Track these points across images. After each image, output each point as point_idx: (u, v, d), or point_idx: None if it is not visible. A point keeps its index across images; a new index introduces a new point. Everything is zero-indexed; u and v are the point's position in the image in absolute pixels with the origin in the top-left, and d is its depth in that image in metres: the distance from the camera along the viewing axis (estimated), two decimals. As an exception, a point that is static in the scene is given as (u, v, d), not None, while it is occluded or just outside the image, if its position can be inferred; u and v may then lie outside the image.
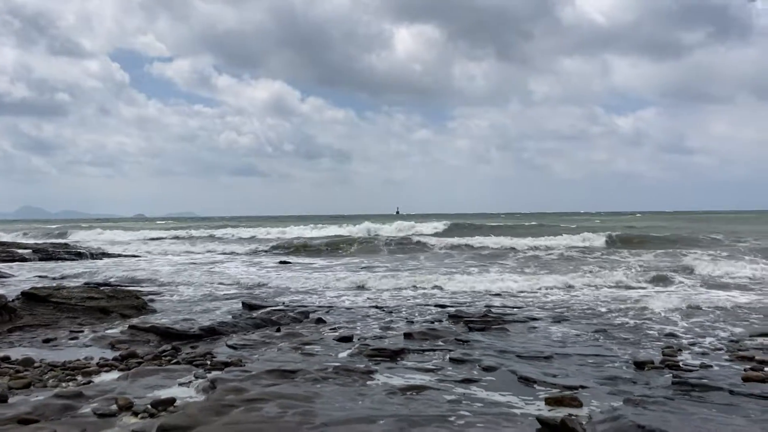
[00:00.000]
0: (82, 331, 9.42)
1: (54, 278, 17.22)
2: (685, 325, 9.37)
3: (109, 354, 7.81)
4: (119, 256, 26.05)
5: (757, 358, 7.08)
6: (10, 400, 5.53)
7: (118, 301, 11.16)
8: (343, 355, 7.61)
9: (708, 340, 8.32)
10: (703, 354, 7.50)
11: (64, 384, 6.16)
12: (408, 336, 8.65)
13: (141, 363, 7.07)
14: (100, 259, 24.47)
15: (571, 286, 14.27)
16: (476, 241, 27.66)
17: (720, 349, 7.77)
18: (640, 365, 6.85)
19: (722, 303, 11.28)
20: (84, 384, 6.19)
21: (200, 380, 6.28)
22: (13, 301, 10.46)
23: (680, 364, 6.90)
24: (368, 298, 12.78)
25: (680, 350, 7.69)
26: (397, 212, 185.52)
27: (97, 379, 6.44)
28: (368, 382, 6.09)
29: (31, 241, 35.12)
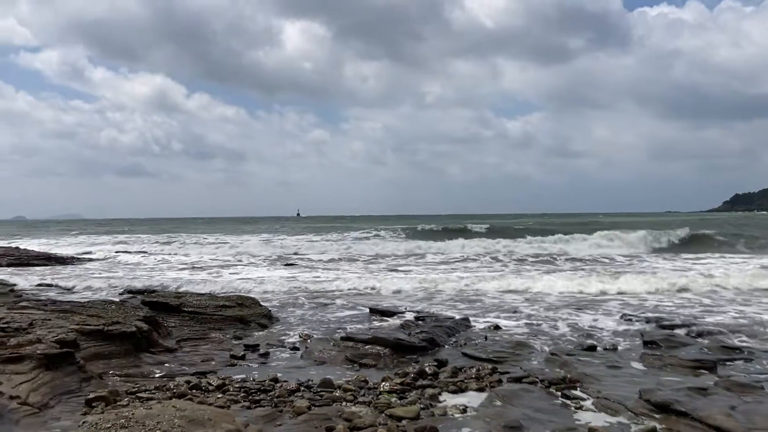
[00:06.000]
0: (257, 346, 7.97)
1: (66, 288, 14.34)
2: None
3: (353, 371, 6.68)
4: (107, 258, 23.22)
5: None
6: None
7: (249, 310, 9.66)
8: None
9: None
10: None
11: (438, 415, 4.96)
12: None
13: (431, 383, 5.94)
14: (82, 263, 21.68)
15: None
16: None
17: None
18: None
19: None
20: (444, 414, 5.03)
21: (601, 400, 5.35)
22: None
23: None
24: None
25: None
26: (298, 214, 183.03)
27: (451, 402, 5.32)
28: None
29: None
